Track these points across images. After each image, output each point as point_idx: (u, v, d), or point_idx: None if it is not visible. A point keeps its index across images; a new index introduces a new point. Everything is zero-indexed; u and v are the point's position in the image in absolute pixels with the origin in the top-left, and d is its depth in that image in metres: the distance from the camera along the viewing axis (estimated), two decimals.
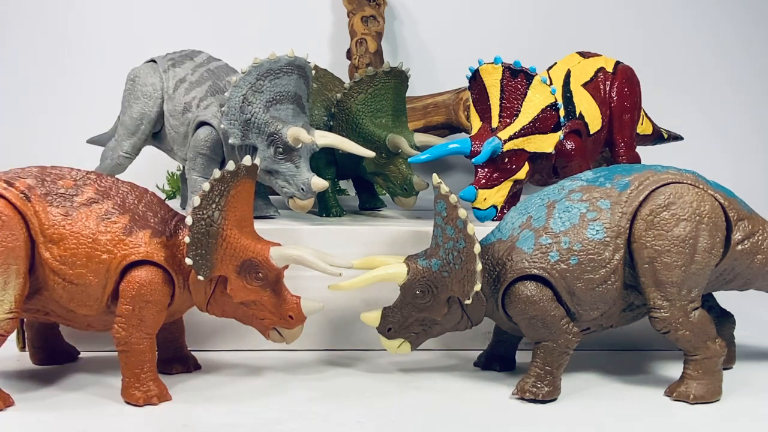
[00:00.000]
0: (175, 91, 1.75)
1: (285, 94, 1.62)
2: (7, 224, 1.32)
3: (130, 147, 1.79)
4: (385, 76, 1.77)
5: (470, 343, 1.62)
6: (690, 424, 1.30)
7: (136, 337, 1.34)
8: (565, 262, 1.37)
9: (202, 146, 1.70)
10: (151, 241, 1.36)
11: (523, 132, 1.60)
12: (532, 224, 1.41)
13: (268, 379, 1.48)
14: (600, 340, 1.61)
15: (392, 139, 1.73)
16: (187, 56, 1.81)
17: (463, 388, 1.44)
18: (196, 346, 1.58)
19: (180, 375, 1.48)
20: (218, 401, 1.37)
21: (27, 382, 1.44)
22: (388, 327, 1.41)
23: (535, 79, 1.60)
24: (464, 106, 2.09)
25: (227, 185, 1.33)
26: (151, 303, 1.34)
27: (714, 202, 1.39)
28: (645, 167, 1.44)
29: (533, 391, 1.37)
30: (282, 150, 1.60)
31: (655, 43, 2.41)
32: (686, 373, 1.39)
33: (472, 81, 1.66)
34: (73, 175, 1.39)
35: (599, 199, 1.40)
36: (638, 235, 1.37)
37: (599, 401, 1.39)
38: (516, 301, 1.38)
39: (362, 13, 2.23)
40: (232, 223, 1.34)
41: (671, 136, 2.05)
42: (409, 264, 1.39)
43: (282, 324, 1.38)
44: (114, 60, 2.23)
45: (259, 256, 1.35)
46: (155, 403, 1.34)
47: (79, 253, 1.34)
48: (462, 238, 1.34)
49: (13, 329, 1.32)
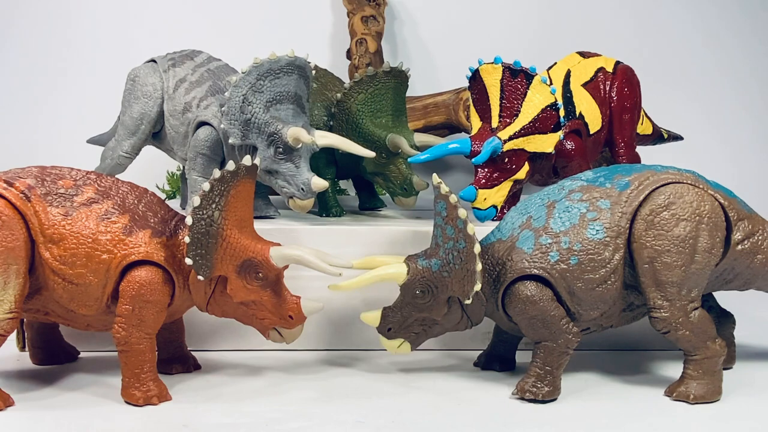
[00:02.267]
0: (176, 91, 1.75)
1: (285, 94, 1.62)
2: (7, 224, 1.32)
3: (130, 147, 1.79)
4: (385, 76, 1.77)
5: (470, 343, 1.62)
6: (690, 424, 1.30)
7: (136, 337, 1.34)
8: (565, 262, 1.37)
9: (202, 146, 1.70)
10: (151, 241, 1.36)
11: (523, 132, 1.60)
12: (532, 224, 1.41)
13: (268, 379, 1.48)
14: (600, 340, 1.61)
15: (392, 139, 1.73)
16: (187, 56, 1.81)
17: (463, 388, 1.44)
18: (196, 346, 1.58)
19: (180, 375, 1.48)
20: (218, 401, 1.37)
21: (27, 382, 1.44)
22: (388, 327, 1.41)
23: (535, 79, 1.60)
24: (464, 106, 2.09)
25: (227, 185, 1.33)
26: (151, 303, 1.34)
27: (714, 202, 1.39)
28: (645, 167, 1.44)
29: (533, 391, 1.37)
30: (282, 150, 1.60)
31: (655, 43, 2.41)
32: (686, 373, 1.39)
33: (472, 81, 1.66)
34: (73, 175, 1.39)
35: (599, 199, 1.40)
36: (638, 235, 1.37)
37: (599, 401, 1.39)
38: (516, 301, 1.38)
39: (362, 13, 2.23)
40: (232, 223, 1.34)
41: (671, 136, 2.05)
42: (409, 264, 1.39)
43: (282, 324, 1.39)
44: (114, 60, 2.23)
45: (259, 256, 1.35)
46: (155, 403, 1.34)
47: (79, 253, 1.34)
48: (462, 238, 1.34)
49: (13, 329, 1.33)
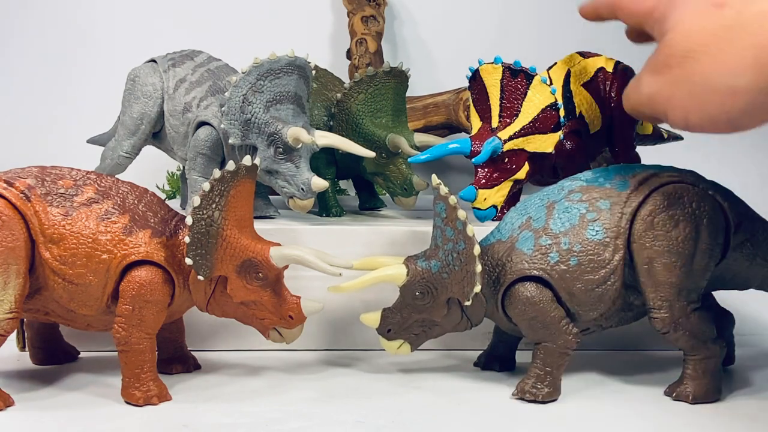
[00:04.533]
0: (176, 91, 1.75)
1: (285, 94, 1.62)
2: (7, 224, 1.32)
3: (130, 147, 1.79)
4: (385, 76, 1.77)
5: (470, 343, 1.62)
6: (690, 424, 1.30)
7: (136, 337, 1.34)
8: (565, 262, 1.37)
9: (202, 146, 1.70)
10: (151, 241, 1.36)
11: (523, 132, 1.60)
12: (532, 225, 1.41)
13: (268, 379, 1.48)
14: (600, 340, 1.62)
15: (392, 139, 1.73)
16: (187, 56, 1.81)
17: (463, 388, 1.44)
18: (196, 346, 1.58)
19: (180, 375, 1.48)
20: (218, 401, 1.37)
21: (27, 382, 1.44)
22: (388, 328, 1.41)
23: (535, 79, 1.60)
24: (464, 106, 2.09)
25: (227, 185, 1.33)
26: (151, 303, 1.34)
27: (714, 203, 1.39)
28: (645, 167, 1.44)
29: (533, 392, 1.37)
30: (282, 150, 1.60)
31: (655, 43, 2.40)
32: (686, 373, 1.39)
33: (472, 81, 1.66)
34: (73, 175, 1.39)
35: (599, 200, 1.40)
36: (638, 235, 1.37)
37: (599, 401, 1.39)
38: (516, 302, 1.38)
39: (362, 13, 2.23)
40: (232, 223, 1.34)
41: (671, 136, 2.05)
42: (409, 265, 1.38)
43: (282, 324, 1.39)
44: (114, 60, 2.23)
45: (259, 256, 1.35)
46: (155, 403, 1.34)
47: (79, 253, 1.34)
48: (461, 240, 1.33)
49: (13, 329, 1.33)
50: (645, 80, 1.18)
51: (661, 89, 1.15)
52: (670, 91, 1.14)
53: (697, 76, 1.10)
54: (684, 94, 1.12)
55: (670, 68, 1.13)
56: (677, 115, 1.15)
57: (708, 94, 1.10)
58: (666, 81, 1.14)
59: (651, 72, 1.17)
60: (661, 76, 1.15)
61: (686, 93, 1.12)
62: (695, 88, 1.11)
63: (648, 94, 1.18)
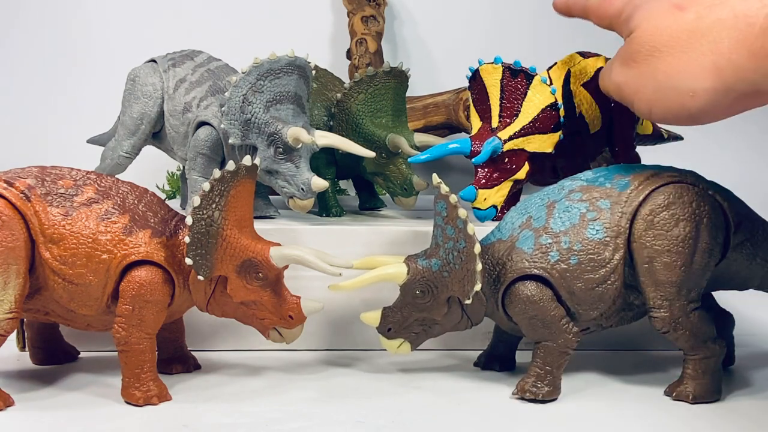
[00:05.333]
0: (176, 91, 1.75)
1: (285, 94, 1.62)
2: (7, 224, 1.32)
3: (130, 147, 1.79)
4: (385, 76, 1.77)
5: (470, 343, 1.62)
6: (690, 424, 1.30)
7: (136, 337, 1.34)
8: (565, 261, 1.37)
9: (202, 146, 1.70)
10: (151, 241, 1.36)
11: (523, 132, 1.60)
12: (532, 224, 1.41)
13: (268, 379, 1.48)
14: (600, 340, 1.62)
15: (392, 139, 1.73)
16: (187, 56, 1.81)
17: (463, 388, 1.44)
18: (196, 346, 1.58)
19: (180, 375, 1.48)
20: (218, 401, 1.37)
21: (27, 382, 1.44)
22: (388, 327, 1.41)
23: (535, 79, 1.60)
24: (464, 106, 2.09)
25: (227, 185, 1.33)
26: (151, 303, 1.34)
27: (714, 202, 1.39)
28: (645, 167, 1.44)
29: (533, 390, 1.37)
30: (282, 150, 1.60)
31: None
32: (686, 373, 1.39)
33: (472, 81, 1.66)
34: (73, 175, 1.39)
35: (599, 199, 1.40)
36: (638, 234, 1.37)
37: (599, 401, 1.39)
38: (516, 301, 1.38)
39: (362, 13, 2.23)
40: (232, 223, 1.34)
41: (671, 136, 2.05)
42: (409, 264, 1.39)
43: (282, 324, 1.39)
44: (114, 60, 2.23)
45: (259, 256, 1.35)
46: (155, 403, 1.34)
47: (79, 253, 1.34)
48: (462, 238, 1.34)
49: (13, 329, 1.33)
50: (615, 69, 1.30)
51: (629, 81, 1.27)
52: (637, 85, 1.26)
53: (661, 74, 1.21)
54: (649, 89, 1.23)
55: (637, 63, 1.24)
56: (642, 107, 1.27)
57: (670, 93, 1.20)
58: (633, 74, 1.26)
59: (621, 63, 1.29)
60: (630, 69, 1.26)
61: (651, 89, 1.23)
62: (659, 86, 1.22)
63: (617, 83, 1.30)
